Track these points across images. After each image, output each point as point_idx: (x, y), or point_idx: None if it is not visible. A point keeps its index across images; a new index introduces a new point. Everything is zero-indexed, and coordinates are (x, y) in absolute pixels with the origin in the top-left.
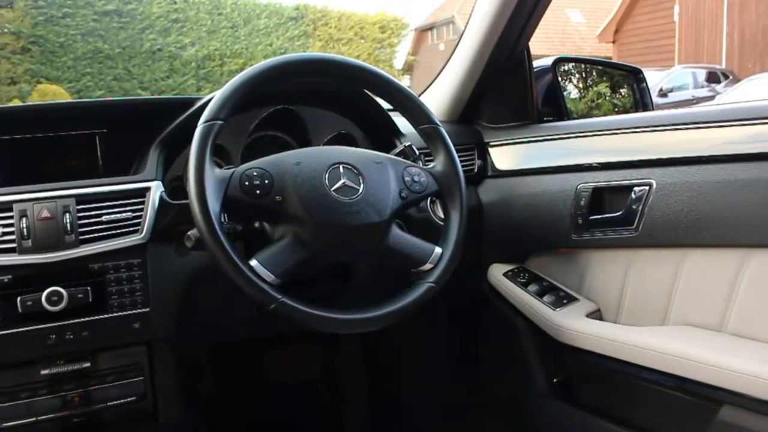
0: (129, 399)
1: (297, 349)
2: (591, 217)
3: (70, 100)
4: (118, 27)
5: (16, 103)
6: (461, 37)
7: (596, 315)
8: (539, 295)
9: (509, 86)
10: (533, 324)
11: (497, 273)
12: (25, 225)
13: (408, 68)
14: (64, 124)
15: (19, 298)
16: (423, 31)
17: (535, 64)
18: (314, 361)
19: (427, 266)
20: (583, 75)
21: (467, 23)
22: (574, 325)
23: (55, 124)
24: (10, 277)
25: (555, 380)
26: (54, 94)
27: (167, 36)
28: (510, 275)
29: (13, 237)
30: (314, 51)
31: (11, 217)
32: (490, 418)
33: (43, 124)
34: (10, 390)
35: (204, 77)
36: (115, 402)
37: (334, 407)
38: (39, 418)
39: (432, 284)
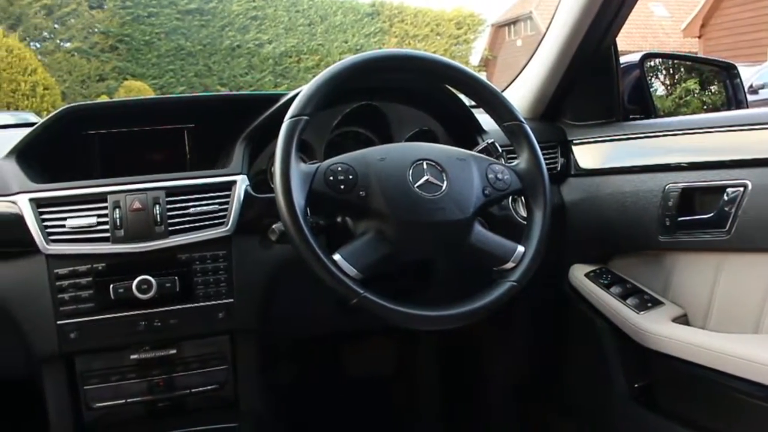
0: (211, 387)
1: (374, 344)
2: (679, 219)
3: (160, 96)
4: (200, 25)
5: (104, 98)
6: (545, 33)
7: (682, 320)
8: (622, 297)
9: (594, 83)
10: (615, 327)
11: (579, 274)
12: (118, 216)
13: (484, 64)
14: (154, 119)
15: (111, 286)
16: (500, 27)
17: (621, 60)
18: (390, 357)
19: (510, 265)
20: (671, 71)
21: (552, 18)
22: (659, 329)
23: (145, 119)
24: (104, 265)
25: (636, 385)
26: (139, 90)
27: (246, 33)
28: (592, 276)
29: (107, 227)
30: (390, 47)
31: (105, 208)
32: (566, 419)
33: (134, 119)
34: (102, 373)
35: (281, 73)
36: (198, 389)
37: (409, 404)
38: (127, 400)
39: (514, 283)
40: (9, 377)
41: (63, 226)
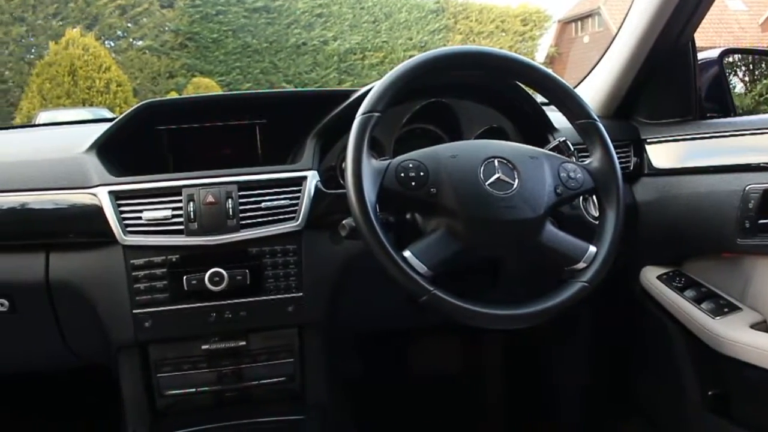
0: (279, 379)
1: (438, 341)
2: (760, 221)
3: (233, 92)
4: (266, 23)
5: (174, 95)
6: (620, 28)
7: (762, 326)
8: (697, 301)
9: (670, 80)
10: (689, 331)
11: (650, 276)
12: (192, 209)
13: (550, 61)
14: (227, 114)
15: (185, 277)
16: (566, 23)
17: (699, 56)
18: (455, 354)
19: (581, 265)
20: (751, 67)
21: (627, 14)
22: (736, 336)
23: (218, 115)
24: (177, 256)
25: (710, 393)
26: (207, 86)
27: (311, 30)
28: (665, 279)
29: (181, 220)
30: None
31: (180, 201)
32: (633, 423)
33: (207, 115)
34: (174, 361)
35: (345, 70)
36: (266, 381)
37: (472, 402)
38: (197, 389)
39: (585, 284)
40: (88, 362)
41: (139, 218)
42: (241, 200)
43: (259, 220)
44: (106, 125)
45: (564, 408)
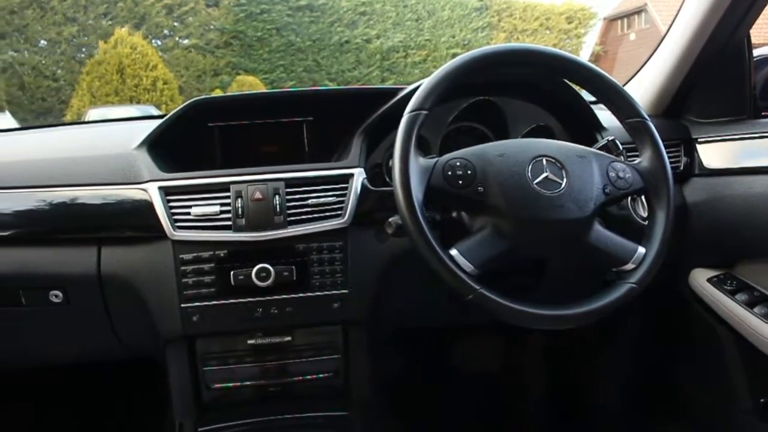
0: (323, 375)
1: (479, 340)
2: None
3: (281, 89)
4: (310, 21)
5: (218, 92)
6: (671, 24)
7: None
8: (749, 305)
9: (723, 78)
10: (740, 336)
11: (700, 278)
12: (240, 205)
13: (595, 59)
14: (274, 112)
15: (232, 272)
16: (612, 20)
17: (754, 53)
18: (496, 353)
19: (629, 266)
20: None
21: (679, 9)
22: None
23: (266, 112)
24: (225, 252)
25: (762, 400)
26: (251, 84)
27: (354, 29)
28: (715, 282)
29: (229, 216)
30: (498, 43)
31: (228, 197)
32: (677, 427)
33: (255, 112)
34: (220, 355)
35: (388, 68)
36: (310, 376)
37: (514, 401)
38: (243, 383)
39: (634, 285)
40: (137, 355)
41: (188, 213)
42: (288, 197)
43: (306, 216)
44: (156, 122)
45: (606, 408)
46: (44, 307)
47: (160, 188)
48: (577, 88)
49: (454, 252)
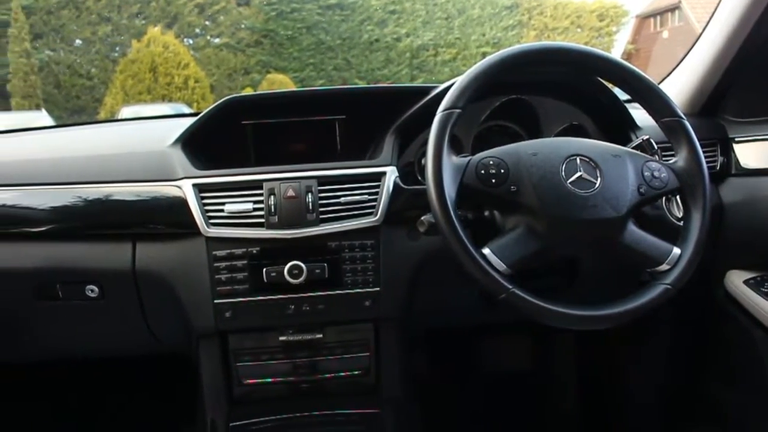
0: (354, 372)
1: (508, 339)
2: None
3: (314, 87)
4: (340, 20)
5: (249, 91)
6: (708, 21)
7: None
8: None
9: (762, 76)
10: None
11: (736, 280)
12: (273, 202)
13: (627, 57)
14: (307, 110)
15: (264, 269)
16: (644, 18)
17: None
18: (525, 353)
19: (664, 267)
20: None
21: (717, 6)
22: None
23: (299, 110)
24: (258, 249)
25: None
26: (281, 82)
27: (384, 27)
28: (752, 284)
29: (262, 213)
30: (528, 41)
31: (261, 195)
32: (712, 428)
33: (288, 110)
34: (252, 351)
35: (418, 66)
36: (341, 374)
37: (543, 401)
38: (274, 379)
39: (669, 286)
40: (169, 349)
41: (222, 210)
42: (320, 195)
43: (338, 214)
44: (189, 120)
45: (637, 410)
46: (80, 301)
47: (194, 185)
48: (611, 86)
49: (486, 251)
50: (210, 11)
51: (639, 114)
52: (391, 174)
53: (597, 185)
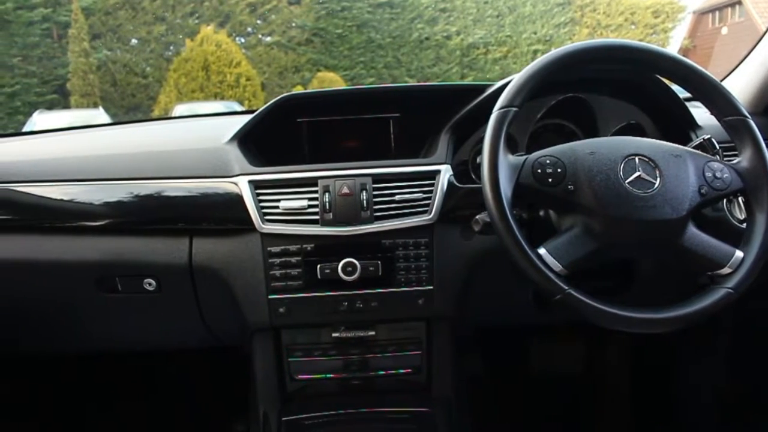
0: (405, 370)
1: (561, 341)
2: None
3: (369, 86)
4: (390, 18)
5: (299, 89)
6: None
7: None
8: None
9: None
10: None
11: None
12: (327, 199)
13: (683, 53)
14: (361, 108)
15: (318, 266)
16: (702, 14)
17: None
18: (577, 354)
19: (725, 270)
20: None
21: None
22: None
23: (353, 108)
24: (312, 246)
25: None
26: (331, 81)
27: (435, 25)
28: None
29: (316, 210)
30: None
31: (316, 192)
32: None
33: (343, 108)
34: (305, 347)
35: (468, 65)
36: (392, 371)
37: (595, 404)
38: (326, 375)
39: (730, 290)
40: (223, 343)
41: (277, 207)
42: (375, 192)
43: (392, 212)
44: (242, 117)
45: (694, 418)
46: (138, 294)
47: (250, 182)
48: (671, 84)
49: (542, 251)
50: (262, 10)
51: (699, 113)
52: (446, 172)
53: (656, 185)
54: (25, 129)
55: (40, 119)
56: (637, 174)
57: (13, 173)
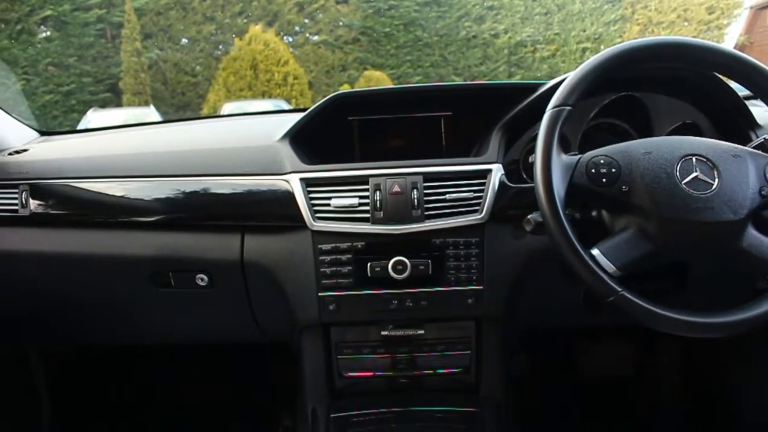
0: (454, 370)
1: (611, 343)
2: None
3: (421, 84)
4: (437, 16)
5: (346, 87)
6: None
7: None
8: None
9: None
10: None
11: None
12: (378, 198)
13: (739, 50)
14: (413, 106)
15: (369, 264)
16: (760, 9)
17: None
18: (626, 356)
19: None
20: None
21: None
22: None
23: (404, 107)
24: (363, 244)
25: None
26: (378, 79)
27: (482, 23)
28: None
29: (367, 208)
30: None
31: (367, 190)
32: None
33: (394, 106)
34: (354, 345)
35: (515, 63)
36: (441, 371)
37: (643, 409)
38: (375, 373)
39: None
40: (272, 339)
41: (328, 205)
42: (426, 191)
43: (443, 211)
44: (292, 115)
45: (748, 428)
46: (191, 289)
47: (302, 179)
48: (729, 82)
49: (595, 252)
50: (309, 9)
51: (759, 111)
52: (497, 171)
53: (714, 186)
54: (80, 126)
55: (94, 117)
56: (694, 174)
57: (70, 169)
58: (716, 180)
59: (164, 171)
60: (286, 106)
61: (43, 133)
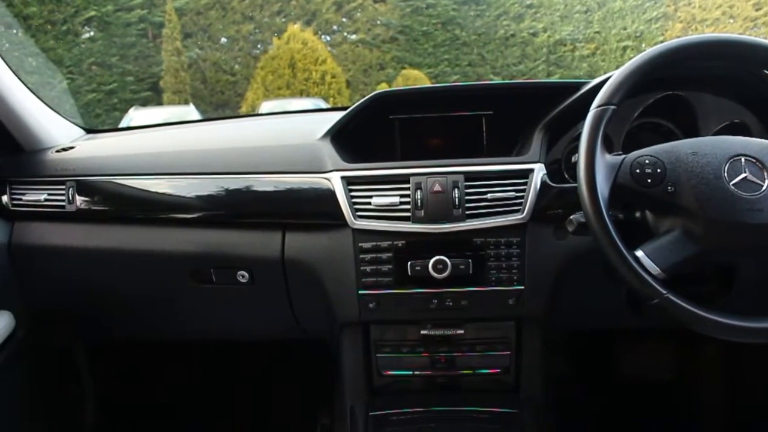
0: (494, 370)
1: (652, 346)
2: None
3: (463, 83)
4: (475, 15)
5: (384, 86)
6: None
7: None
8: None
9: None
10: None
11: None
12: (419, 197)
13: None
14: (454, 105)
15: (409, 263)
16: None
17: None
18: (668, 359)
19: None
20: None
21: None
22: None
23: (446, 105)
24: (403, 242)
25: None
26: (415, 78)
27: (520, 22)
28: None
29: (408, 207)
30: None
31: (407, 189)
32: None
33: (435, 105)
34: (393, 343)
35: (554, 62)
36: (481, 371)
37: (685, 414)
38: (414, 372)
39: None
40: (311, 336)
41: (369, 203)
42: (467, 190)
43: (484, 210)
44: (331, 114)
45: None
46: (232, 285)
47: (343, 178)
48: None
49: (639, 253)
50: (347, 8)
51: None
52: (539, 171)
53: (764, 188)
54: (122, 124)
55: (136, 115)
56: (743, 175)
57: (115, 166)
58: (766, 181)
59: (207, 168)
60: (324, 105)
61: (88, 131)
